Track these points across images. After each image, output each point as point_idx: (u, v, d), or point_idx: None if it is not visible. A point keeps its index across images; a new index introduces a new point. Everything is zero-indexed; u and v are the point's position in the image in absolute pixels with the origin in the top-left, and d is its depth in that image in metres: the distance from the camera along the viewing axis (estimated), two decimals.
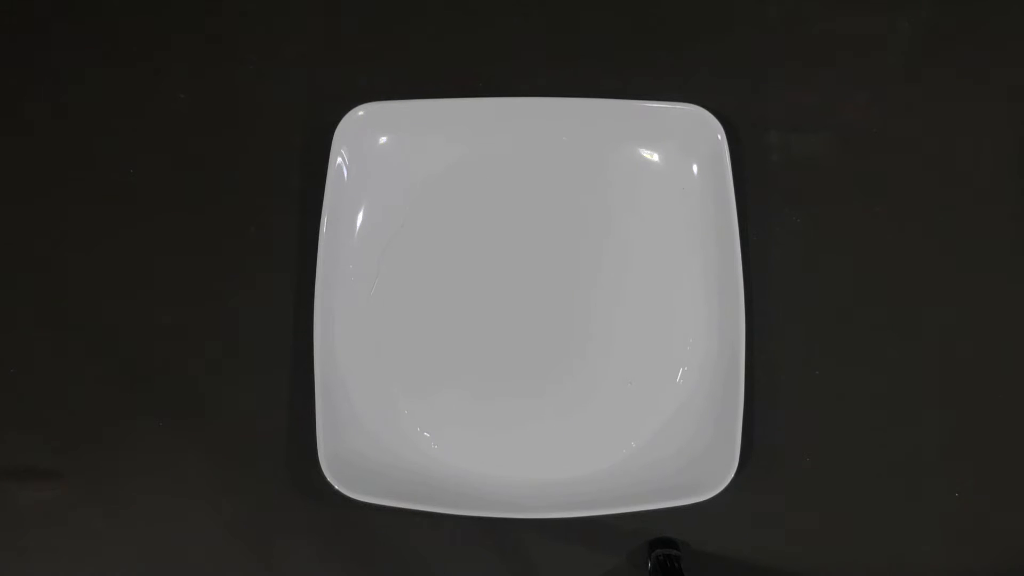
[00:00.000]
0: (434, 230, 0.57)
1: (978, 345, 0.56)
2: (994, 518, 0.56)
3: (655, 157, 0.57)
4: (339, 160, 0.55)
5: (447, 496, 0.54)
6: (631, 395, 0.56)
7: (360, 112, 0.55)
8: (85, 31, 0.60)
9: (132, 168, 0.59)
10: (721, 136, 0.54)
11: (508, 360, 0.56)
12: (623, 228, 0.57)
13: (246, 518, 0.57)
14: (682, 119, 0.55)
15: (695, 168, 0.56)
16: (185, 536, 0.57)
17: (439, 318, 0.56)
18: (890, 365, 0.56)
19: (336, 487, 0.53)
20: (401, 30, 0.59)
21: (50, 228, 0.58)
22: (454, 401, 0.56)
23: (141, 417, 0.57)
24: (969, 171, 0.57)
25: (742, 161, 0.57)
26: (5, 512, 0.57)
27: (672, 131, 0.56)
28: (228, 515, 0.57)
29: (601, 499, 0.54)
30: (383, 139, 0.57)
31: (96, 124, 0.59)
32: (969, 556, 0.56)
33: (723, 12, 0.59)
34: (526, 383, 0.56)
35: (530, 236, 0.57)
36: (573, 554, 0.56)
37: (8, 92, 0.60)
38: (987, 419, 0.56)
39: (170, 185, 0.58)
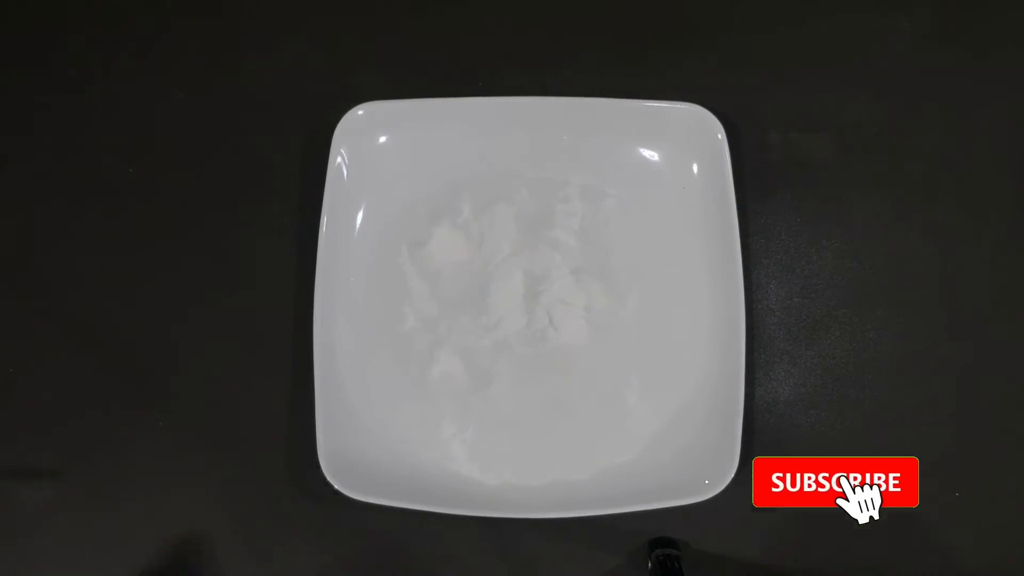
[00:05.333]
0: (434, 229, 0.57)
1: (978, 345, 0.56)
2: (994, 518, 0.56)
3: (655, 157, 0.57)
4: (339, 159, 0.55)
5: (447, 496, 0.54)
6: (632, 396, 0.55)
7: (360, 112, 0.55)
8: (85, 31, 0.60)
9: (132, 168, 0.59)
10: (721, 136, 0.54)
11: (508, 360, 0.56)
12: (623, 227, 0.57)
13: (246, 518, 0.57)
14: (682, 119, 0.55)
15: (695, 168, 0.56)
16: (185, 536, 0.57)
17: (438, 317, 0.56)
18: (890, 365, 0.56)
19: (336, 487, 0.53)
20: (401, 30, 0.59)
21: (50, 228, 0.58)
22: (454, 401, 0.56)
23: (141, 417, 0.57)
24: (970, 171, 0.57)
25: (742, 161, 0.57)
26: (5, 512, 0.57)
27: (672, 131, 0.56)
28: (228, 515, 0.57)
29: (601, 499, 0.54)
30: (383, 139, 0.57)
31: (96, 124, 0.59)
32: (969, 556, 0.56)
33: (723, 12, 0.59)
34: (526, 383, 0.56)
35: (530, 235, 0.57)
36: (573, 554, 0.56)
37: (9, 92, 0.60)
38: (987, 419, 0.56)
39: (170, 185, 0.58)
